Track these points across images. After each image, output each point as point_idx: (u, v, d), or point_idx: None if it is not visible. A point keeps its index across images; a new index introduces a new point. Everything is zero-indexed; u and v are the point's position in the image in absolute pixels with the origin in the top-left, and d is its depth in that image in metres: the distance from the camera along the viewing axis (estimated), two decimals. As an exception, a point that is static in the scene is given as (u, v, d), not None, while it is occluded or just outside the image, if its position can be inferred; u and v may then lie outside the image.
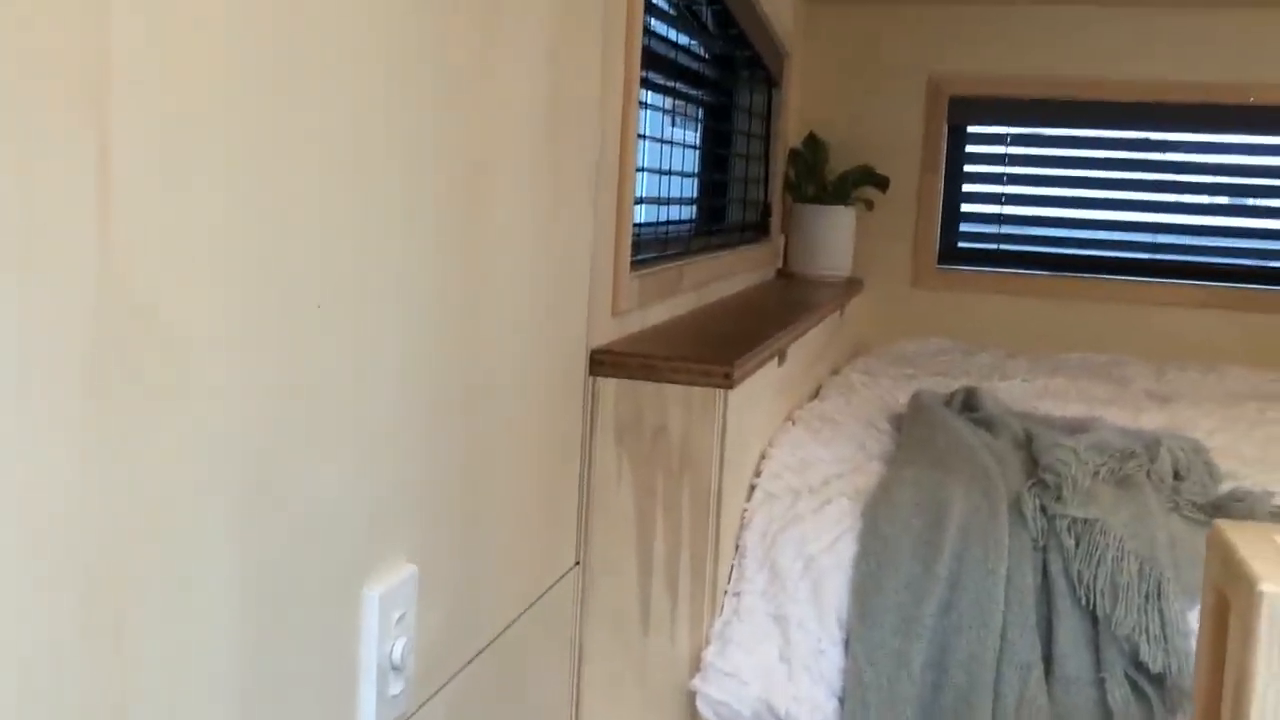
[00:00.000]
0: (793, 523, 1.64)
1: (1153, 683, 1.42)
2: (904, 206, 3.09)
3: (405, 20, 0.98)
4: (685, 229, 2.42)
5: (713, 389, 1.56)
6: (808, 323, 2.22)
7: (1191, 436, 1.92)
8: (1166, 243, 3.06)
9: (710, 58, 2.58)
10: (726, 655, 1.57)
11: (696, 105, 2.50)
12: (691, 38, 2.30)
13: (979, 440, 1.81)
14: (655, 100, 2.15)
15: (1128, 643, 1.43)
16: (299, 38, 0.84)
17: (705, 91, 2.51)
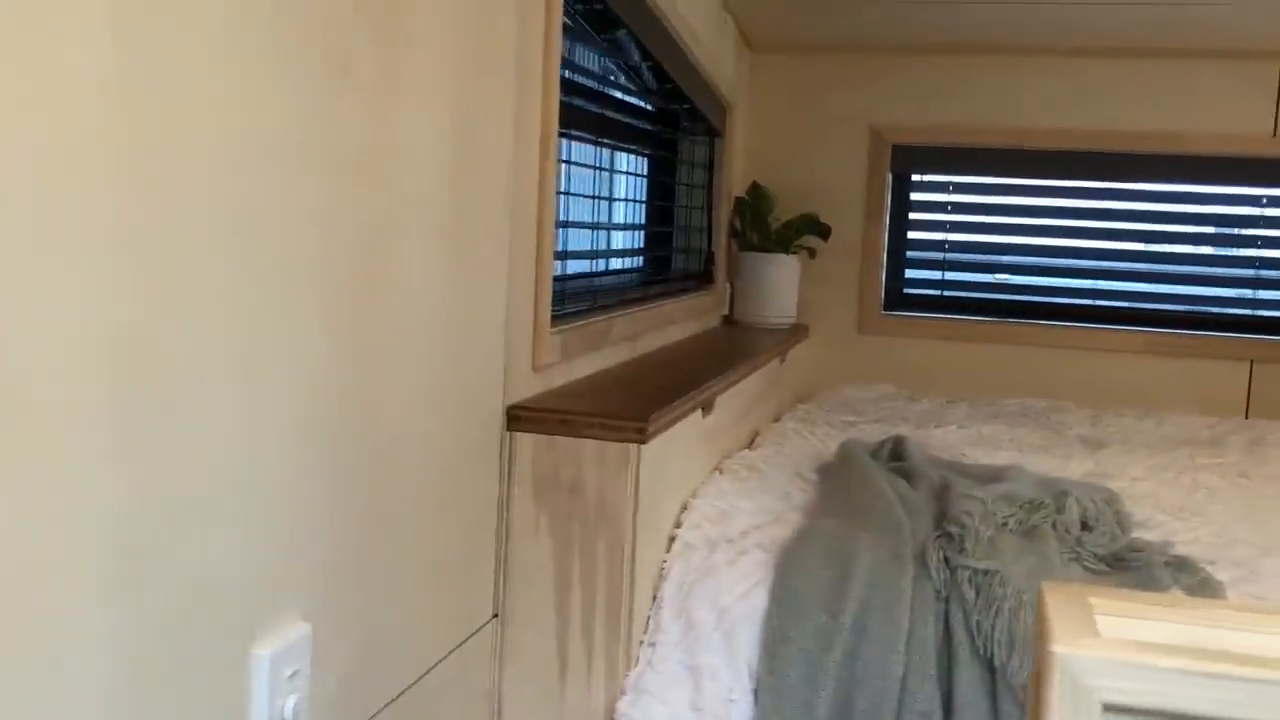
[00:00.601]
0: (708, 574, 1.68)
1: (1048, 731, 1.46)
2: (849, 254, 3.15)
3: (294, 103, 1.02)
4: (629, 279, 2.47)
5: (626, 444, 1.60)
6: (740, 372, 2.26)
7: (1106, 486, 1.97)
8: (1108, 289, 3.12)
9: (654, 110, 2.64)
10: (640, 705, 1.60)
11: (638, 156, 2.56)
12: (627, 93, 2.36)
13: (895, 491, 1.85)
14: (586, 153, 2.21)
15: (1023, 692, 1.46)
16: (180, 118, 0.88)
17: (645, 144, 2.57)
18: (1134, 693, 0.75)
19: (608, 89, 2.22)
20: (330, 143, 1.09)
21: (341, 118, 1.11)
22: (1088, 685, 0.76)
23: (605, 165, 2.29)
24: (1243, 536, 1.84)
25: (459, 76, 1.37)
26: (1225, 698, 0.76)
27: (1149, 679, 0.75)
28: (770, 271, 3.01)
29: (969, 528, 1.63)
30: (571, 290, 2.00)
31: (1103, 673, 0.75)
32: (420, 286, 1.32)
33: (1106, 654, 0.75)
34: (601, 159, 2.27)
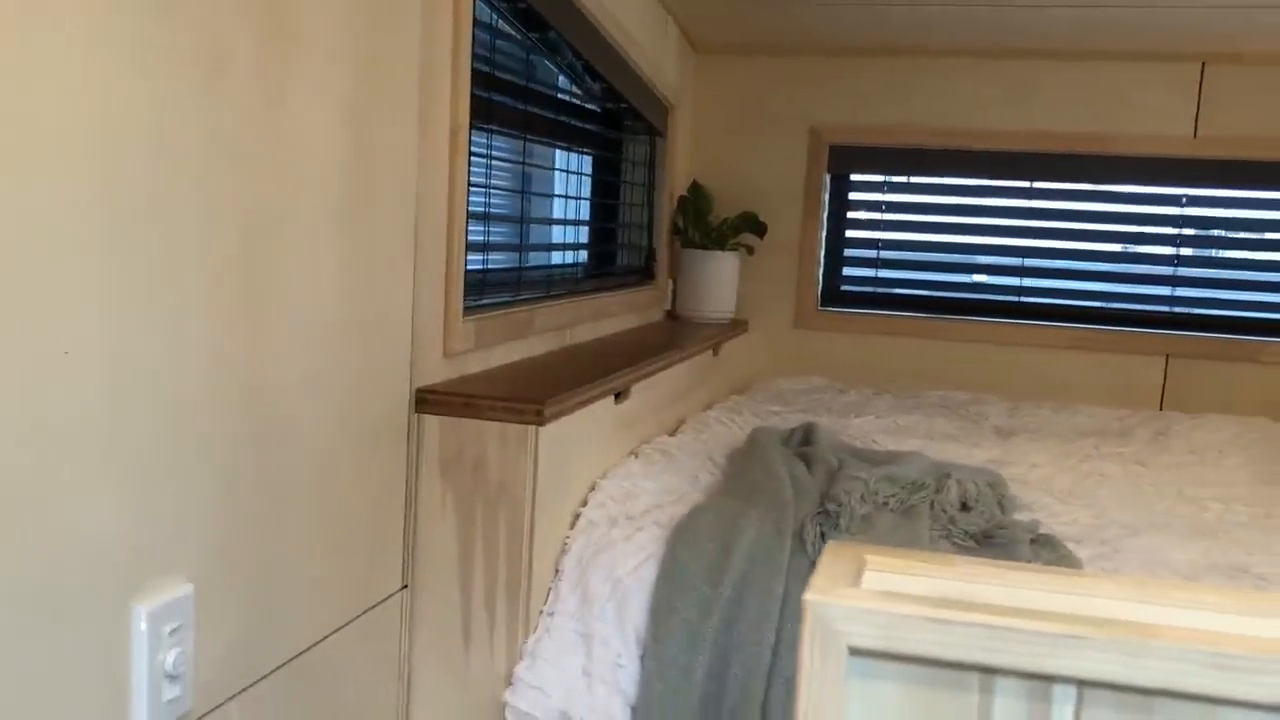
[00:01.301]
0: (605, 549, 1.79)
1: (905, 693, 1.57)
2: (788, 251, 3.26)
3: (163, 99, 1.13)
4: (567, 272, 2.58)
5: (525, 425, 1.71)
6: (659, 364, 2.37)
7: (992, 471, 2.08)
8: (1034, 286, 3.23)
9: (597, 109, 2.75)
10: (535, 670, 1.71)
11: (578, 154, 2.67)
12: (569, 92, 2.47)
13: (790, 473, 1.97)
14: (526, 149, 2.31)
15: (883, 657, 1.57)
16: (39, 108, 0.99)
17: (588, 142, 2.68)
18: (875, 637, 0.86)
19: (538, 86, 2.33)
20: (206, 138, 1.20)
21: (219, 114, 1.22)
22: (836, 630, 0.86)
23: (546, 162, 2.40)
24: (1118, 518, 1.96)
25: (354, 75, 1.48)
26: (957, 641, 0.86)
27: (888, 625, 0.86)
28: (710, 268, 3.12)
29: (845, 505, 1.75)
30: (494, 281, 2.11)
31: (849, 619, 0.86)
32: (311, 277, 1.42)
33: (852, 602, 0.86)
34: (543, 156, 2.38)
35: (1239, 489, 2.23)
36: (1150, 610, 0.88)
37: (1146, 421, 2.84)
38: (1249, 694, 0.79)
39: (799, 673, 0.87)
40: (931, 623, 0.84)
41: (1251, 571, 1.65)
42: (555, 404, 1.76)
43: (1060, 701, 0.83)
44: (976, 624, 0.85)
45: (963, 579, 0.94)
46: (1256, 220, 3.05)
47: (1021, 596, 0.93)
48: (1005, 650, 0.82)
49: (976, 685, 0.85)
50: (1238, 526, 1.94)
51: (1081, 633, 0.81)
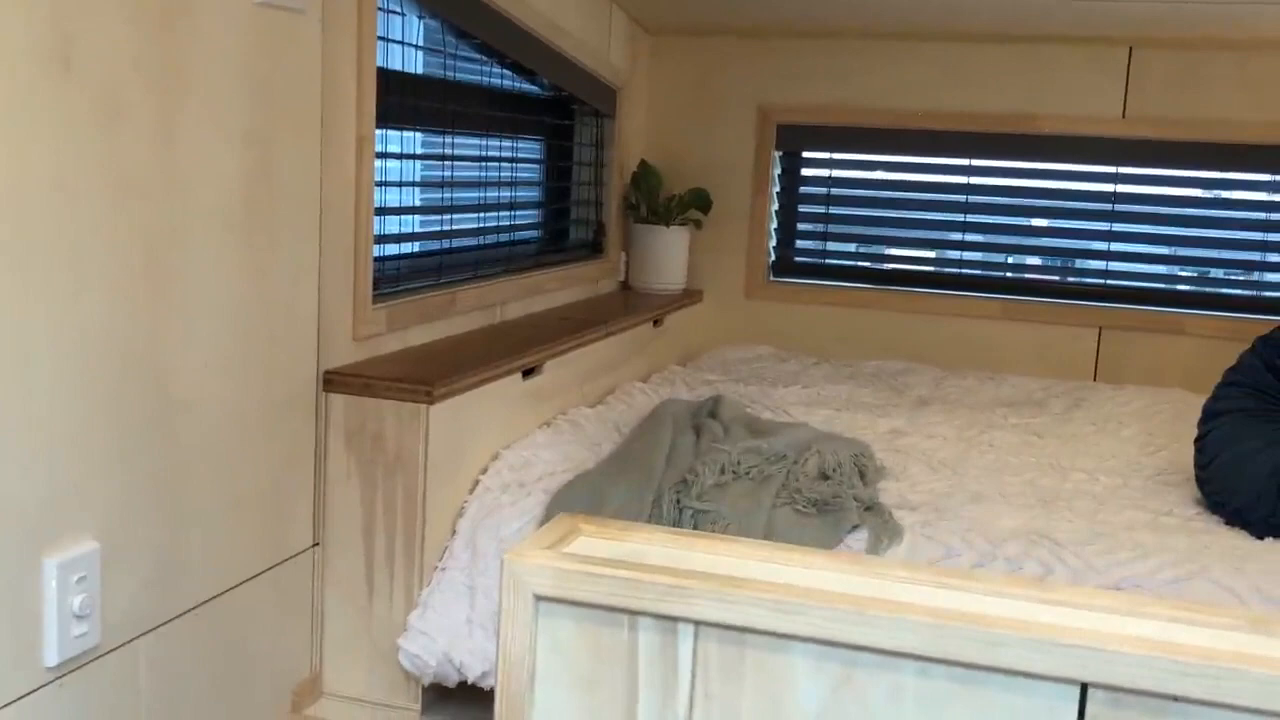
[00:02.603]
0: (494, 511, 2.01)
1: (735, 644, 1.78)
2: (740, 225, 3.43)
3: (67, 144, 1.35)
4: (502, 252, 2.79)
5: (417, 405, 1.94)
6: (583, 339, 2.58)
7: (862, 443, 2.26)
8: (971, 259, 3.37)
9: (543, 96, 2.95)
10: (425, 617, 1.95)
11: (527, 140, 2.86)
12: (511, 81, 2.67)
13: (672, 443, 2.17)
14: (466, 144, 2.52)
15: (716, 612, 1.79)
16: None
17: (530, 130, 2.87)
18: (552, 587, 1.07)
19: (466, 81, 2.53)
20: (106, 173, 1.43)
21: (116, 154, 1.44)
22: (524, 580, 1.08)
23: (490, 154, 2.60)
24: (971, 488, 2.13)
25: (251, 104, 1.69)
26: (607, 591, 1.07)
27: (560, 577, 1.07)
28: (660, 242, 3.30)
29: (699, 475, 1.95)
30: (416, 268, 2.33)
31: (533, 573, 1.08)
32: (214, 279, 1.65)
33: (536, 561, 1.07)
34: (490, 148, 2.58)
35: (1115, 460, 2.39)
36: (766, 569, 1.08)
37: (1068, 392, 2.99)
38: (807, 630, 0.99)
39: (500, 613, 1.09)
40: (590, 577, 1.05)
41: (1050, 537, 1.83)
42: (445, 385, 1.97)
43: (683, 637, 1.04)
44: (620, 578, 1.06)
45: (649, 544, 1.15)
46: (1182, 197, 3.16)
47: (685, 559, 1.13)
48: (640, 598, 1.04)
49: (625, 624, 1.06)
50: (1082, 497, 2.11)
51: (689, 585, 1.02)
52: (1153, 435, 2.62)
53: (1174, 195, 3.19)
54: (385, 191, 2.19)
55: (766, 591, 1.01)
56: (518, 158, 2.83)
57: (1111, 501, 2.10)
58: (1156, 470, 2.33)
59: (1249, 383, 2.13)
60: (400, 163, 2.25)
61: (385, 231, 2.21)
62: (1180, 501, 2.12)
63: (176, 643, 1.68)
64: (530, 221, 2.97)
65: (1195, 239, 3.16)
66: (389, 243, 2.24)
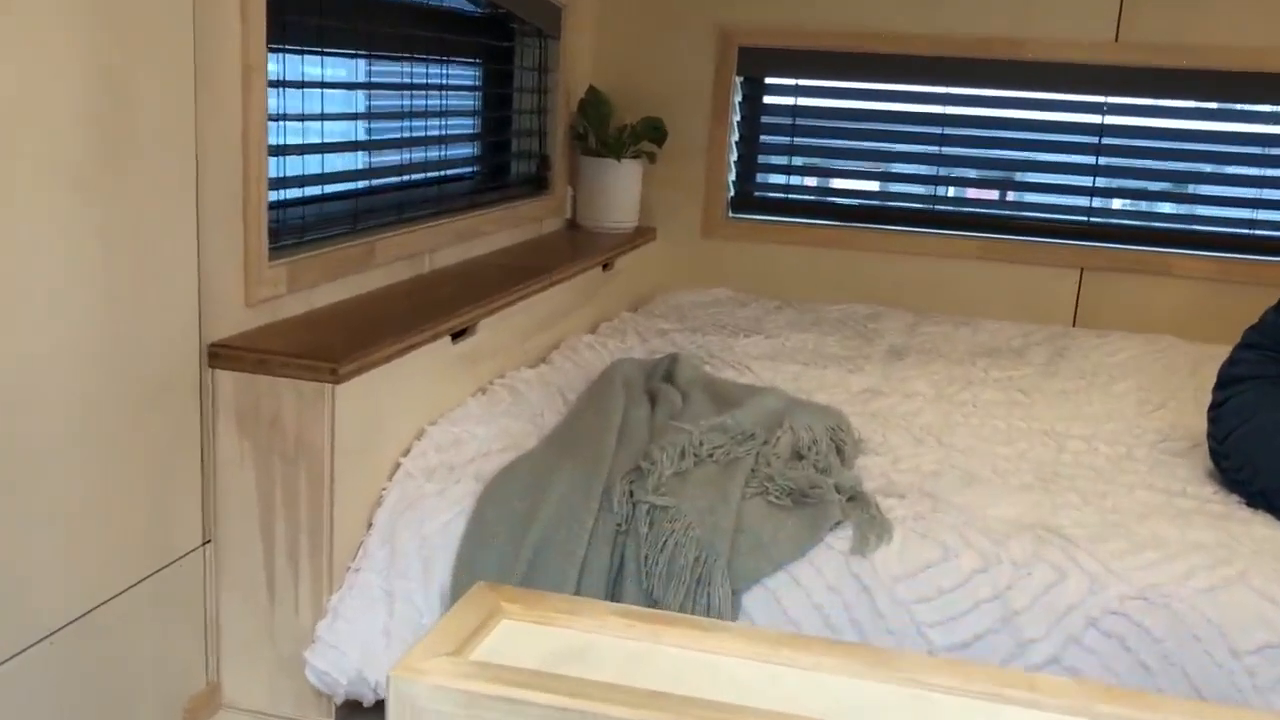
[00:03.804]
0: (417, 503, 1.73)
1: (697, 662, 1.53)
2: (696, 157, 3.13)
3: None
4: (429, 192, 2.47)
5: (320, 384, 1.64)
6: (524, 292, 2.29)
7: (838, 412, 2.00)
8: (946, 195, 3.11)
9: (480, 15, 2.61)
10: (334, 628, 1.67)
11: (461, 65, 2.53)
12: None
13: (625, 419, 1.90)
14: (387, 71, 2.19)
15: (675, 625, 1.53)
16: None
17: (466, 52, 2.54)
18: (453, 715, 0.80)
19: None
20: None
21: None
22: (419, 707, 0.80)
23: (427, 82, 2.27)
24: (961, 464, 1.89)
25: (93, 34, 1.36)
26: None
27: (473, 708, 0.80)
28: (610, 176, 3.00)
29: (657, 463, 1.68)
30: (323, 215, 2.01)
31: (430, 698, 0.80)
32: (54, 243, 1.34)
33: (435, 680, 0.80)
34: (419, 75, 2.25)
35: (1113, 425, 2.15)
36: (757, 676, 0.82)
37: (1049, 340, 2.75)
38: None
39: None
40: (511, 709, 0.78)
41: (1059, 532, 1.59)
42: (355, 360, 1.68)
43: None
44: (543, 705, 0.79)
45: (598, 632, 0.89)
46: (1178, 130, 2.91)
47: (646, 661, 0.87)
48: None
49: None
50: (1084, 474, 1.87)
51: (619, 715, 0.75)
52: (1148, 391, 2.39)
53: (1164, 128, 2.93)
54: (285, 128, 1.87)
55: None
56: (449, 85, 2.50)
57: (1118, 479, 1.86)
58: (1159, 435, 2.10)
59: (1271, 345, 1.89)
60: (304, 93, 1.93)
61: (288, 174, 1.89)
62: (1193, 477, 1.89)
63: (28, 679, 1.39)
64: (465, 156, 2.65)
65: (1186, 174, 2.91)
66: (291, 187, 1.92)
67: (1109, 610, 1.47)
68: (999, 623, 1.50)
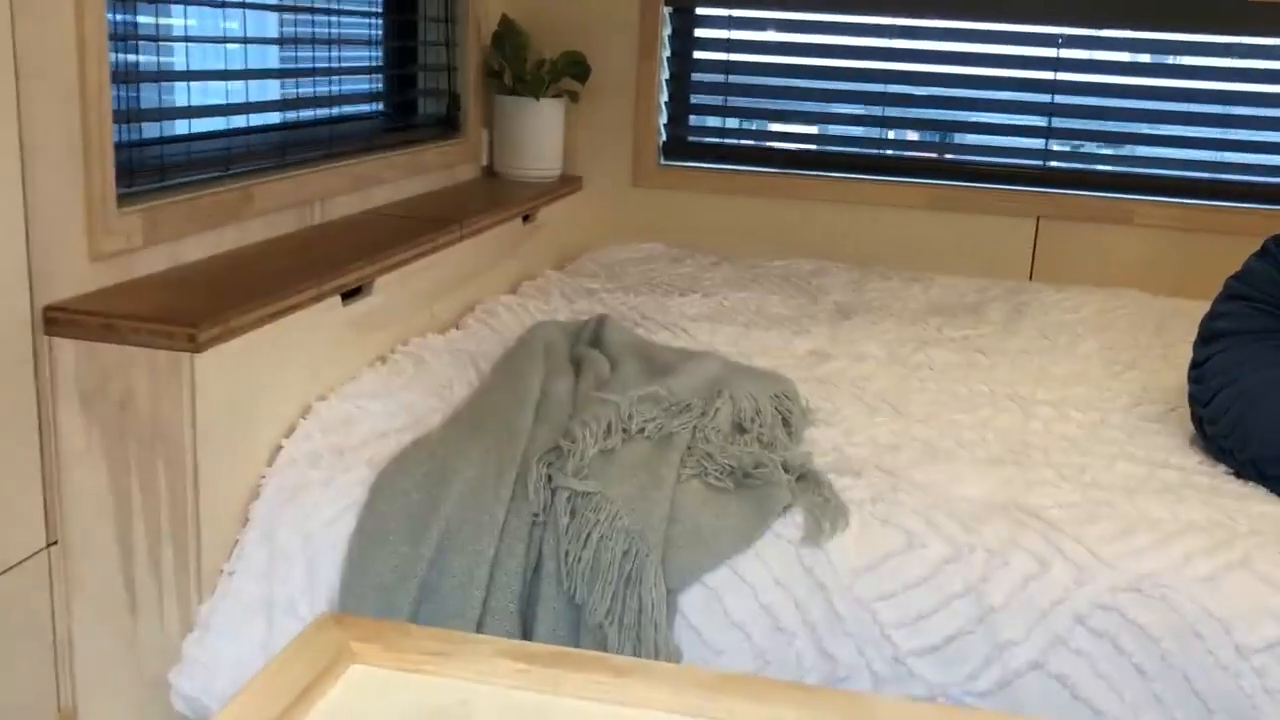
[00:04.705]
0: (300, 494, 1.49)
1: (627, 675, 1.32)
2: (624, 97, 2.88)
3: None
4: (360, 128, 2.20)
5: (177, 352, 1.39)
6: (442, 240, 2.04)
7: (785, 378, 1.79)
8: (896, 139, 2.90)
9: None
10: (205, 644, 1.43)
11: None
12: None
13: (543, 391, 1.66)
14: None
15: (600, 631, 1.31)
16: None
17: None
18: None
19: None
20: None
21: None
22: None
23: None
24: (922, 435, 1.69)
25: None
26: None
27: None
28: (528, 118, 2.74)
29: (579, 441, 1.45)
30: (190, 155, 1.74)
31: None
32: None
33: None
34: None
35: (1082, 388, 1.97)
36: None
37: (1006, 295, 2.56)
38: None
39: None
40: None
41: (1037, 514, 1.39)
42: (221, 323, 1.42)
43: None
44: None
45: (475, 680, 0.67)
46: (1139, 65, 2.72)
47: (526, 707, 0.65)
48: None
49: None
50: (1058, 445, 1.68)
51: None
52: (1115, 350, 2.21)
53: (1124, 62, 2.74)
54: (139, 50, 1.59)
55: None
56: (343, 9, 2.22)
57: (1095, 450, 1.67)
58: (1132, 399, 1.92)
59: (1260, 296, 1.70)
60: (157, 9, 1.65)
61: (145, 105, 1.62)
62: (1174, 445, 1.71)
63: None
64: (363, 92, 2.38)
65: (1147, 114, 2.73)
66: (149, 120, 1.64)
67: (1098, 604, 1.28)
68: (973, 622, 1.30)
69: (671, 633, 1.33)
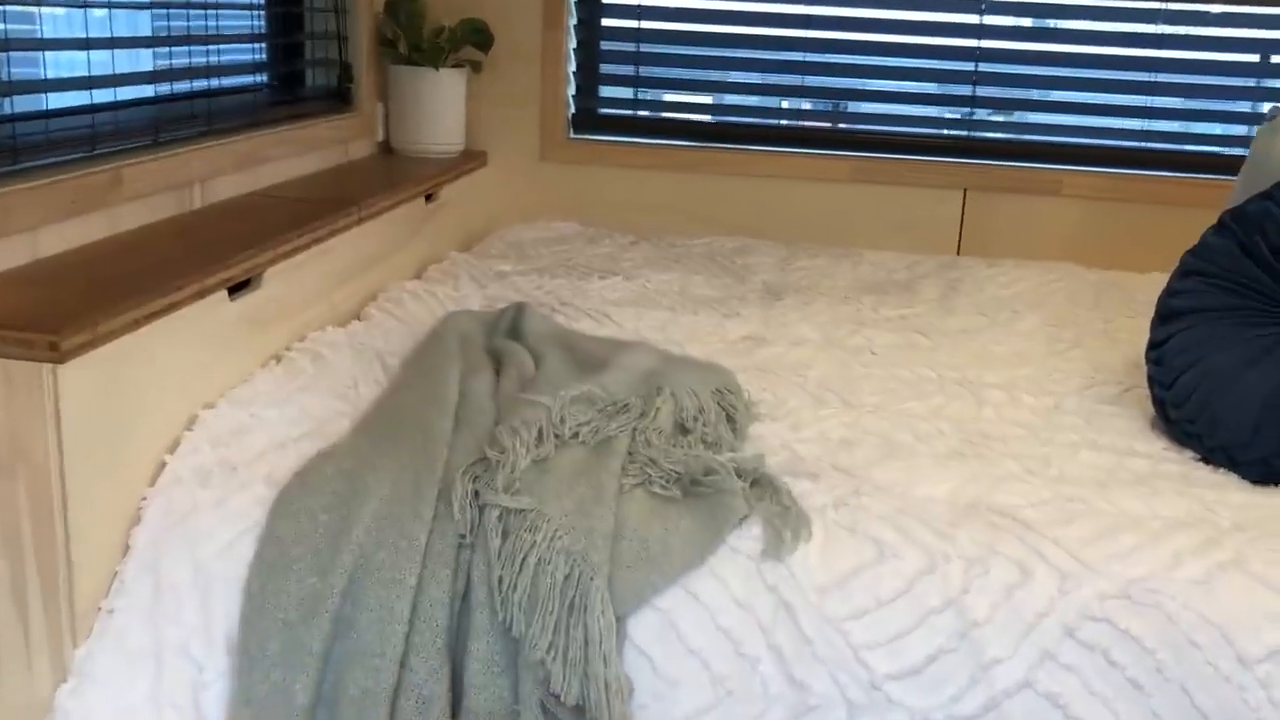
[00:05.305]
0: (189, 517, 1.30)
1: (573, 715, 1.17)
2: (529, 67, 2.71)
3: None
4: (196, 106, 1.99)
5: (36, 364, 1.19)
6: (338, 223, 1.85)
7: (724, 369, 1.65)
8: (816, 109, 2.78)
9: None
10: (81, 694, 1.24)
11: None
12: None
13: (462, 391, 1.50)
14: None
15: (541, 668, 1.16)
16: None
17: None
18: None
19: None
20: None
21: None
22: None
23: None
24: (875, 428, 1.57)
25: None
26: None
27: None
28: (429, 89, 2.55)
29: (508, 451, 1.30)
30: (48, 134, 1.52)
31: None
32: None
33: None
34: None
35: (1030, 369, 1.87)
36: None
37: (938, 271, 2.46)
38: None
39: None
40: None
41: (1018, 518, 1.28)
42: (84, 329, 1.23)
43: None
44: None
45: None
46: (1065, 30, 2.63)
47: None
48: None
49: None
50: (1016, 433, 1.58)
51: None
52: (1056, 327, 2.12)
53: (1050, 28, 2.66)
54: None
55: None
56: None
57: (1055, 438, 1.57)
58: (1084, 380, 1.83)
59: (1218, 273, 1.62)
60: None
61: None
62: (1135, 429, 1.62)
63: None
64: (245, 63, 2.17)
65: (1077, 80, 2.65)
66: (1, 95, 1.43)
67: (1087, 615, 1.17)
68: (954, 639, 1.18)
69: (622, 664, 1.19)
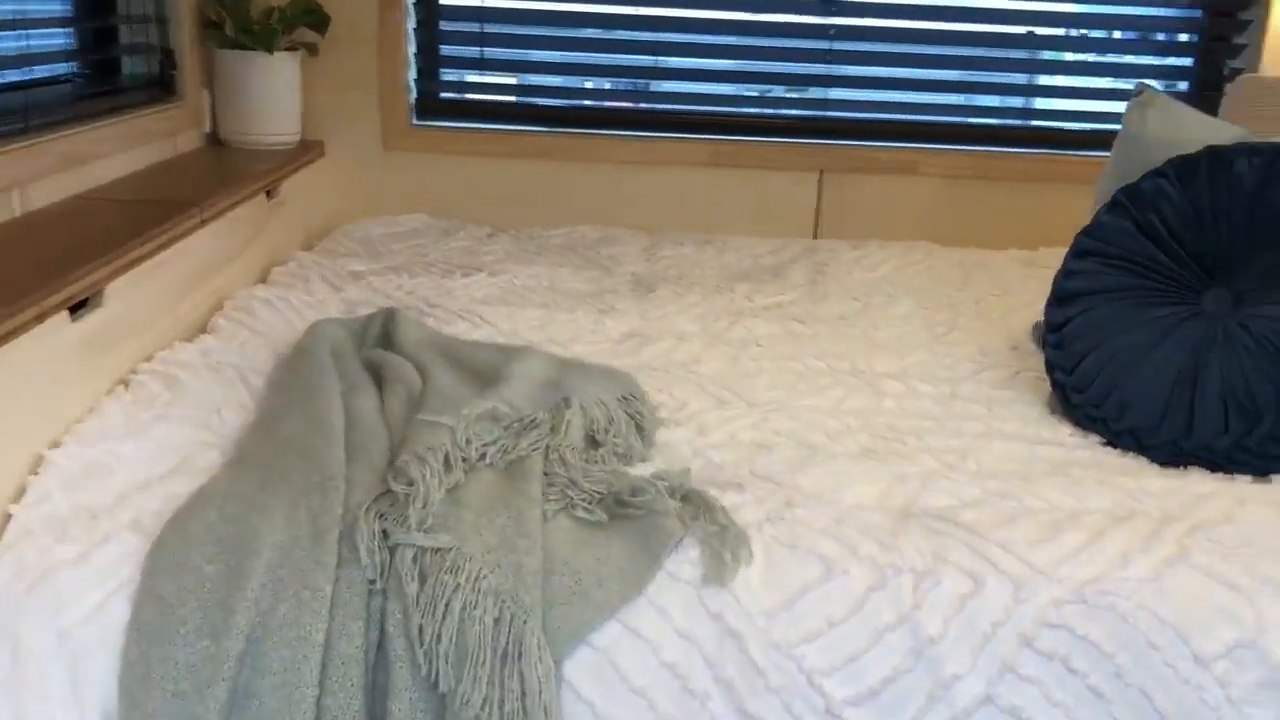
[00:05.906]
0: (46, 578, 1.13)
1: (516, 774, 1.06)
2: (366, 49, 2.53)
3: None
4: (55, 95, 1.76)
5: None
6: (181, 227, 1.67)
7: (624, 375, 1.56)
8: (669, 91, 2.70)
9: None
10: (-75, 801, 1.06)
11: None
12: None
13: (350, 409, 1.36)
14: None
15: (478, 728, 1.05)
16: None
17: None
18: None
19: None
20: None
21: None
22: None
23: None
24: (784, 428, 1.51)
25: None
26: None
27: None
28: (259, 75, 2.36)
29: (418, 483, 1.17)
30: None
31: None
32: None
33: None
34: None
35: (918, 355, 1.84)
36: None
37: (802, 255, 2.43)
38: None
39: None
40: None
41: (957, 521, 1.24)
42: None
43: None
44: None
45: None
46: (913, 7, 2.64)
47: None
48: None
49: None
50: (923, 425, 1.54)
51: None
52: (930, 310, 2.11)
53: (900, 3, 2.65)
54: None
55: None
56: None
57: (963, 429, 1.54)
58: (973, 365, 1.82)
59: (1113, 252, 1.62)
60: None
61: None
62: (1035, 415, 1.62)
63: None
64: (54, 49, 1.93)
65: (934, 58, 2.65)
66: None
67: (1044, 622, 1.14)
68: (911, 657, 1.13)
69: (561, 713, 1.09)
